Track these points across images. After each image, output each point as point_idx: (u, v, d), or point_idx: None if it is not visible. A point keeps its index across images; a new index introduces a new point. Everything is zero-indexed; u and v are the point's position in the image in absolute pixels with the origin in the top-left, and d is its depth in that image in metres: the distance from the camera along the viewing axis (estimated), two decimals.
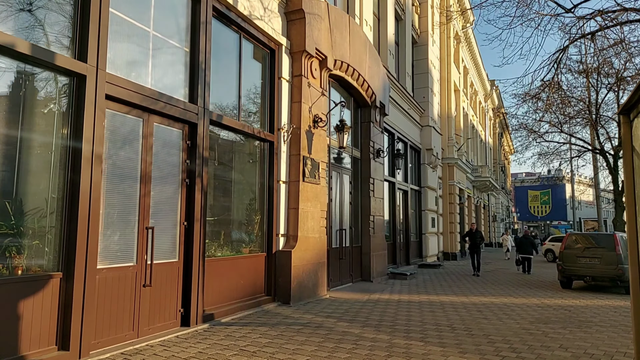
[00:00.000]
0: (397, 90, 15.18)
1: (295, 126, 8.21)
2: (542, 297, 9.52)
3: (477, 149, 35.07)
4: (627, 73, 14.71)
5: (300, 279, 7.90)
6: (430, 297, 9.14)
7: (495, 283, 12.07)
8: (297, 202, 8.01)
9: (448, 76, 23.31)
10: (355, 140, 11.82)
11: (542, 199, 78.84)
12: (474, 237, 14.45)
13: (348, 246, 10.77)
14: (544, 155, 17.50)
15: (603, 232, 11.55)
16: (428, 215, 18.45)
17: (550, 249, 23.10)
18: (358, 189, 11.71)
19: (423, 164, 18.38)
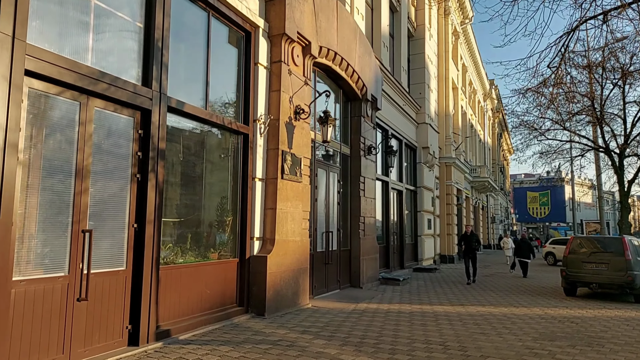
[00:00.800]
0: (391, 84, 14.39)
1: (274, 117, 7.40)
2: (545, 306, 8.72)
3: (475, 149, 34.31)
4: (632, 68, 13.97)
5: (278, 287, 7.09)
6: (423, 307, 8.34)
7: (494, 289, 11.27)
8: (275, 202, 7.21)
9: (446, 73, 22.54)
10: (344, 135, 11.02)
11: (541, 200, 78.29)
12: (470, 240, 12.95)
13: (335, 250, 9.97)
14: (545, 154, 16.74)
15: (611, 236, 10.78)
16: (424, 216, 17.66)
17: (551, 252, 22.34)
18: (347, 189, 10.91)
19: (419, 162, 17.59)
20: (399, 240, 15.31)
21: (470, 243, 12.84)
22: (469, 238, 12.94)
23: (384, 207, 14.03)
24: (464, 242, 12.96)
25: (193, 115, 6.01)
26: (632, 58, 13.99)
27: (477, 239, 13.05)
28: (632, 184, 14.61)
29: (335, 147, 10.33)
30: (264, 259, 6.86)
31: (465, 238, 13.06)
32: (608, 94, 14.57)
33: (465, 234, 13.14)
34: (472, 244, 12.80)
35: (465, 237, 13.12)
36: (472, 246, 12.75)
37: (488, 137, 42.01)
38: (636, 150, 15.08)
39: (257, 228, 7.11)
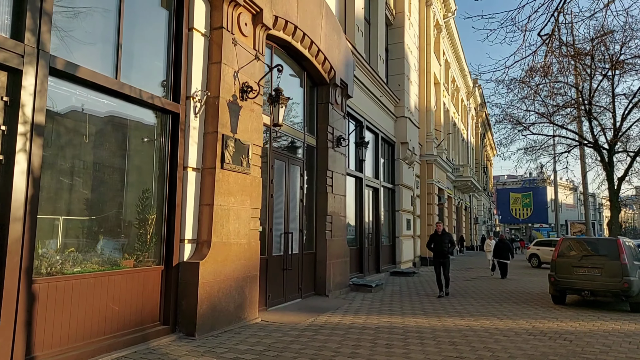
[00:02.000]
0: (366, 73, 13.25)
1: (213, 95, 6.15)
2: (533, 317, 7.63)
3: (458, 148, 33.50)
4: (622, 57, 13.09)
5: (215, 300, 5.83)
6: (393, 320, 7.16)
7: (476, 296, 10.18)
8: (212, 197, 5.95)
9: (427, 66, 21.57)
10: (310, 124, 9.81)
11: (524, 201, 78.47)
12: (441, 241, 10.30)
13: (297, 253, 8.74)
14: (529, 150, 15.80)
15: (604, 237, 9.78)
16: (403, 216, 16.55)
17: (535, 254, 21.48)
18: (312, 184, 9.70)
19: (397, 159, 16.48)
20: (375, 242, 14.16)
21: (441, 245, 10.31)
22: (440, 239, 10.35)
23: (358, 206, 12.86)
24: (433, 244, 10.46)
25: (94, 84, 4.71)
26: (622, 47, 13.14)
27: (451, 239, 10.51)
28: (622, 182, 13.76)
29: (298, 137, 9.11)
30: (196, 266, 5.59)
31: (435, 239, 10.45)
32: (597, 86, 13.70)
33: (436, 233, 10.49)
34: (444, 246, 10.27)
35: (435, 237, 10.49)
36: (443, 249, 10.25)
37: (471, 137, 41.33)
38: (626, 146, 14.26)
39: (190, 228, 5.84)
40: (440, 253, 10.31)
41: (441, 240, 10.32)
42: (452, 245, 10.47)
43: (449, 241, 10.38)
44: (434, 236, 10.54)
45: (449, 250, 10.30)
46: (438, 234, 10.44)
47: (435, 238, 10.48)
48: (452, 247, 10.46)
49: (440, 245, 10.31)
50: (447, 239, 10.34)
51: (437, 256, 10.37)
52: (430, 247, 10.52)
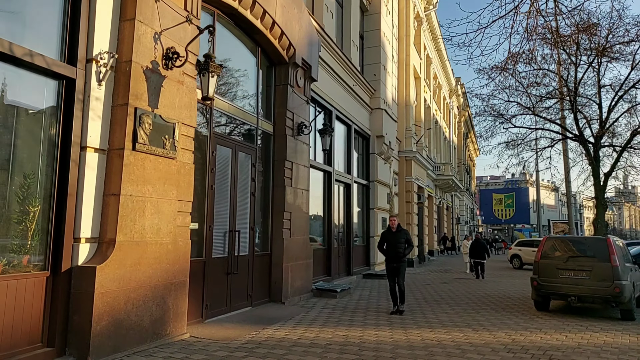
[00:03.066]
0: (338, 59, 12.17)
1: (124, 59, 4.98)
2: (513, 328, 6.63)
3: (440, 146, 32.73)
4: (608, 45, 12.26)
5: (119, 314, 4.65)
6: (351, 333, 6.08)
7: (451, 301, 9.17)
8: (120, 184, 4.77)
9: (407, 59, 20.63)
10: (266, 109, 8.69)
11: (506, 202, 78.61)
12: (395, 242, 7.94)
13: (246, 255, 7.60)
14: (511, 144, 14.94)
15: (593, 237, 8.86)
16: (378, 215, 15.52)
17: (517, 255, 20.72)
18: (268, 176, 8.58)
19: (372, 153, 15.44)
20: (346, 242, 13.09)
21: (395, 245, 7.92)
22: (394, 237, 7.96)
23: (326, 203, 11.78)
24: (385, 244, 8.08)
25: None
26: (608, 36, 12.33)
27: (408, 238, 8.00)
28: (608, 177, 12.97)
29: (250, 121, 7.97)
30: (92, 272, 4.41)
31: (388, 237, 8.07)
32: (582, 76, 12.90)
33: (389, 230, 8.12)
34: (398, 246, 7.88)
35: (387, 235, 8.11)
36: (398, 250, 7.85)
37: (454, 136, 40.72)
38: (612, 141, 13.50)
39: (88, 224, 4.65)
40: (393, 256, 7.94)
41: (395, 240, 7.93)
42: (410, 246, 7.96)
43: (406, 241, 7.94)
44: (387, 234, 8.13)
45: (405, 252, 7.89)
46: (392, 231, 8.04)
47: (388, 236, 8.06)
48: (409, 249, 7.94)
49: (394, 245, 7.92)
50: (402, 238, 7.92)
51: (390, 260, 7.98)
52: (382, 248, 8.13)
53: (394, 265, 7.96)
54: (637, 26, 11.99)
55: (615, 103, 12.94)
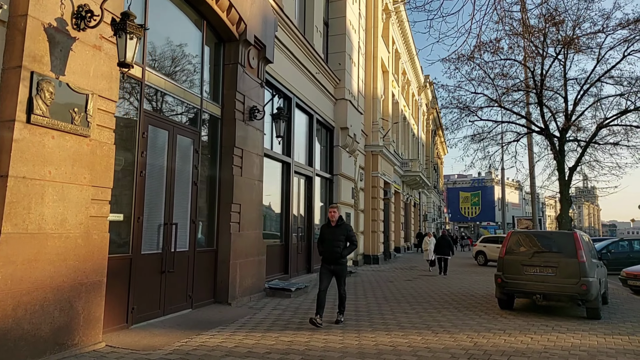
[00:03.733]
0: (298, 43, 11.45)
1: (19, 12, 4.10)
2: (475, 329, 6.11)
3: (408, 143, 32.53)
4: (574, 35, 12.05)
5: (4, 322, 3.79)
6: (297, 338, 5.39)
7: (412, 301, 8.63)
8: (8, 164, 3.90)
9: (375, 51, 20.12)
10: (213, 89, 7.88)
11: (473, 200, 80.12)
12: (332, 238, 6.35)
13: (185, 251, 6.79)
14: (477, 137, 14.62)
15: (559, 231, 8.48)
16: (341, 209, 14.88)
17: (482, 251, 20.60)
18: (215, 164, 7.78)
19: (337, 146, 14.81)
20: (306, 238, 12.41)
21: (332, 242, 6.31)
22: (333, 233, 6.38)
23: (284, 196, 11.05)
24: (323, 241, 6.51)
25: None
26: (574, 29, 12.13)
27: (349, 234, 6.44)
28: (573, 172, 12.82)
29: (192, 101, 7.14)
30: None
31: (326, 233, 6.50)
32: (548, 68, 12.66)
33: (328, 224, 6.55)
34: (335, 244, 6.29)
35: (326, 231, 6.55)
36: (335, 249, 6.27)
37: (422, 133, 40.74)
38: (576, 136, 13.40)
39: None
40: (329, 257, 6.29)
41: (333, 236, 6.30)
42: (352, 244, 6.42)
43: (347, 238, 6.34)
44: (324, 229, 6.57)
45: (344, 252, 6.29)
46: (331, 226, 6.44)
47: (326, 232, 6.47)
48: (351, 248, 6.41)
49: (331, 243, 6.28)
50: (342, 234, 6.31)
51: (325, 261, 6.36)
52: (320, 243, 6.56)
53: (330, 267, 6.26)
54: (603, 18, 11.83)
55: (581, 97, 12.80)
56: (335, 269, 6.38)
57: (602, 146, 13.34)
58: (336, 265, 6.36)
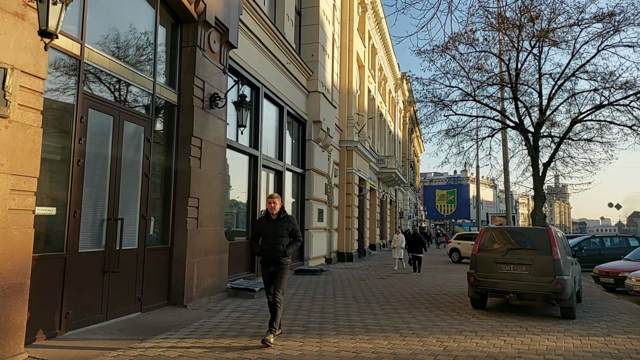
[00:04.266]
0: (268, 31, 10.89)
1: None
2: (446, 332, 5.73)
3: (384, 140, 32.33)
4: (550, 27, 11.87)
5: None
6: (251, 344, 4.88)
7: (383, 301, 8.22)
8: None
9: (350, 44, 19.69)
10: (170, 74, 7.28)
11: (448, 198, 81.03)
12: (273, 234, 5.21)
13: (134, 249, 6.19)
14: (451, 131, 14.36)
15: (533, 227, 8.19)
16: (314, 206, 14.44)
17: (456, 248, 20.50)
18: (170, 154, 7.17)
19: (309, 140, 14.32)
20: None
21: (273, 239, 5.18)
22: (273, 227, 5.23)
23: (251, 191, 10.49)
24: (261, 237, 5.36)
25: None
26: (550, 22, 11.95)
27: (293, 229, 5.29)
28: (547, 168, 12.69)
29: (143, 85, 6.52)
30: None
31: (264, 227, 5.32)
32: (523, 62, 12.48)
33: (267, 215, 5.32)
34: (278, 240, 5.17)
35: (263, 224, 5.37)
36: (276, 247, 5.15)
37: (399, 130, 40.67)
38: (550, 131, 13.27)
39: None
40: (270, 256, 5.15)
41: (275, 232, 5.16)
42: (296, 240, 5.29)
43: (290, 233, 5.23)
44: (263, 222, 5.34)
45: (287, 250, 5.14)
46: (270, 219, 5.24)
47: (265, 226, 5.26)
48: (296, 245, 5.27)
49: (273, 240, 5.14)
50: (285, 229, 5.18)
51: (265, 262, 5.21)
52: (257, 244, 5.37)
53: (271, 269, 5.17)
54: (578, 11, 11.68)
55: (555, 91, 12.66)
56: (274, 270, 5.18)
57: (575, 142, 13.28)
58: (276, 267, 5.17)
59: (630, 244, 15.99)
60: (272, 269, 5.22)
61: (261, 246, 5.30)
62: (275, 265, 5.21)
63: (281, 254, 5.17)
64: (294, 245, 5.28)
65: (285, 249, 5.16)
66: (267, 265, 5.24)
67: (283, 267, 5.22)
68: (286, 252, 5.17)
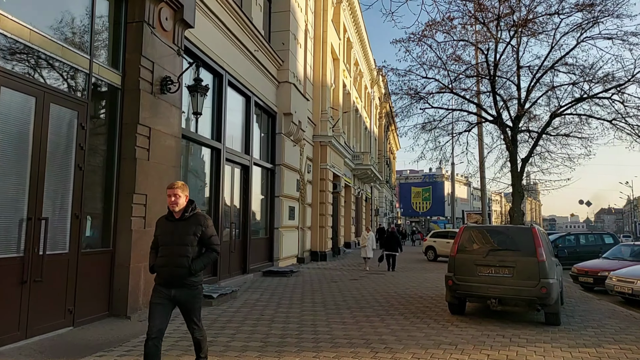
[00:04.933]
0: (233, 14, 10.07)
1: None
2: (422, 343, 5.10)
3: (360, 136, 31.78)
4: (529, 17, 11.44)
5: None
6: None
7: (354, 306, 7.55)
8: None
9: (324, 35, 18.96)
10: (112, 52, 6.38)
11: (424, 195, 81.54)
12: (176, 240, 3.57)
13: (64, 253, 5.31)
14: (427, 125, 13.84)
15: (516, 226, 7.65)
16: (284, 203, 13.68)
17: (431, 246, 20.08)
18: (113, 144, 6.29)
19: (279, 133, 13.54)
20: (242, 235, 11.08)
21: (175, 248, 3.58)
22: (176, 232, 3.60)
23: (213, 187, 9.65)
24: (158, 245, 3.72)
25: None
26: (529, 11, 11.53)
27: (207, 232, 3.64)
28: (526, 163, 12.31)
29: (78, 64, 5.62)
30: None
31: (164, 231, 3.68)
32: (502, 53, 12.03)
33: (170, 215, 3.69)
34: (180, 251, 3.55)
35: (163, 228, 3.70)
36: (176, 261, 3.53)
37: (375, 127, 40.24)
38: (528, 125, 12.91)
39: None
40: (170, 272, 3.55)
41: (176, 237, 3.59)
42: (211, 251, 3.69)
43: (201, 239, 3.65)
44: (162, 225, 3.75)
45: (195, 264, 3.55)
46: (172, 218, 3.67)
47: (165, 230, 3.68)
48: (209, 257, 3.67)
49: (173, 249, 3.58)
50: (191, 232, 3.60)
51: (164, 280, 3.58)
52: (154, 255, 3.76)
53: (170, 293, 3.53)
54: (558, 1, 11.29)
55: (534, 84, 12.28)
56: (178, 295, 3.53)
57: (554, 137, 12.95)
58: (181, 289, 3.54)
59: (605, 241, 15.88)
60: (173, 292, 3.53)
61: (159, 258, 3.62)
62: (177, 287, 3.53)
63: (184, 272, 3.50)
64: (204, 258, 3.60)
65: (189, 264, 3.50)
66: (166, 286, 3.53)
67: (192, 291, 3.58)
68: (192, 268, 3.50)
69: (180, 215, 3.65)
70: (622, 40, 11.51)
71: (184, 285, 3.56)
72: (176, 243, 3.56)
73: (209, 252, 3.67)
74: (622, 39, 11.47)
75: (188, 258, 3.54)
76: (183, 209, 3.65)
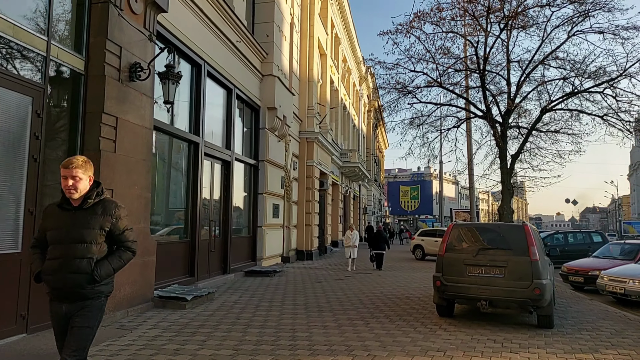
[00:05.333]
0: (215, 4, 9.60)
1: None
2: (408, 349, 4.71)
3: (348, 134, 31.40)
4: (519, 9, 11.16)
5: None
6: None
7: (337, 308, 7.14)
8: None
9: (311, 29, 18.54)
10: (75, 35, 5.89)
11: (412, 194, 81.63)
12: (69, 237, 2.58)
13: (14, 253, 4.82)
14: (415, 120, 13.49)
15: (507, 224, 7.27)
16: (268, 200, 13.22)
17: (419, 245, 19.79)
18: (75, 134, 5.80)
19: (263, 128, 13.07)
20: (222, 233, 10.60)
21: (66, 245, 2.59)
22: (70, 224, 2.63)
23: (190, 182, 9.15)
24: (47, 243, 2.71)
25: None
26: (520, 3, 11.25)
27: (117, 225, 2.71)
28: (515, 160, 12.04)
29: (33, 46, 5.11)
30: None
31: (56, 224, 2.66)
32: (491, 47, 11.74)
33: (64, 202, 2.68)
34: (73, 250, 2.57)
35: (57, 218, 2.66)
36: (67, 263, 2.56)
37: (363, 125, 39.95)
38: (518, 121, 12.66)
39: None
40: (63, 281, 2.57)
41: (72, 231, 2.61)
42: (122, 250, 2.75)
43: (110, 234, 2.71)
44: (53, 214, 2.70)
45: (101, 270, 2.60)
46: (68, 207, 2.67)
47: (56, 221, 2.66)
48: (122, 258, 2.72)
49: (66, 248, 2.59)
50: (95, 226, 2.64)
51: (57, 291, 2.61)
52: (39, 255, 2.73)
53: (62, 309, 2.63)
54: None
55: (525, 79, 12.00)
56: (71, 310, 2.62)
57: (544, 134, 12.71)
58: (74, 303, 2.62)
59: (594, 240, 15.73)
60: (64, 307, 2.61)
61: (45, 262, 2.66)
62: (72, 300, 2.61)
63: (83, 279, 2.58)
64: (115, 260, 2.70)
65: (93, 268, 2.59)
66: (58, 300, 2.63)
67: (89, 305, 2.63)
68: (96, 274, 2.59)
69: (81, 203, 2.65)
70: (613, 34, 11.29)
71: (79, 296, 2.58)
72: (73, 240, 2.59)
73: (120, 251, 2.74)
74: (613, 33, 11.25)
75: (90, 260, 2.58)
76: (84, 195, 2.65)
